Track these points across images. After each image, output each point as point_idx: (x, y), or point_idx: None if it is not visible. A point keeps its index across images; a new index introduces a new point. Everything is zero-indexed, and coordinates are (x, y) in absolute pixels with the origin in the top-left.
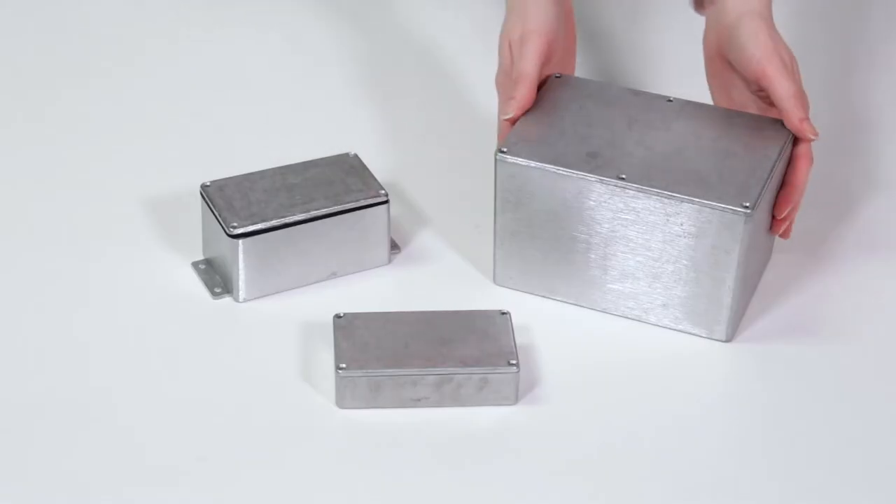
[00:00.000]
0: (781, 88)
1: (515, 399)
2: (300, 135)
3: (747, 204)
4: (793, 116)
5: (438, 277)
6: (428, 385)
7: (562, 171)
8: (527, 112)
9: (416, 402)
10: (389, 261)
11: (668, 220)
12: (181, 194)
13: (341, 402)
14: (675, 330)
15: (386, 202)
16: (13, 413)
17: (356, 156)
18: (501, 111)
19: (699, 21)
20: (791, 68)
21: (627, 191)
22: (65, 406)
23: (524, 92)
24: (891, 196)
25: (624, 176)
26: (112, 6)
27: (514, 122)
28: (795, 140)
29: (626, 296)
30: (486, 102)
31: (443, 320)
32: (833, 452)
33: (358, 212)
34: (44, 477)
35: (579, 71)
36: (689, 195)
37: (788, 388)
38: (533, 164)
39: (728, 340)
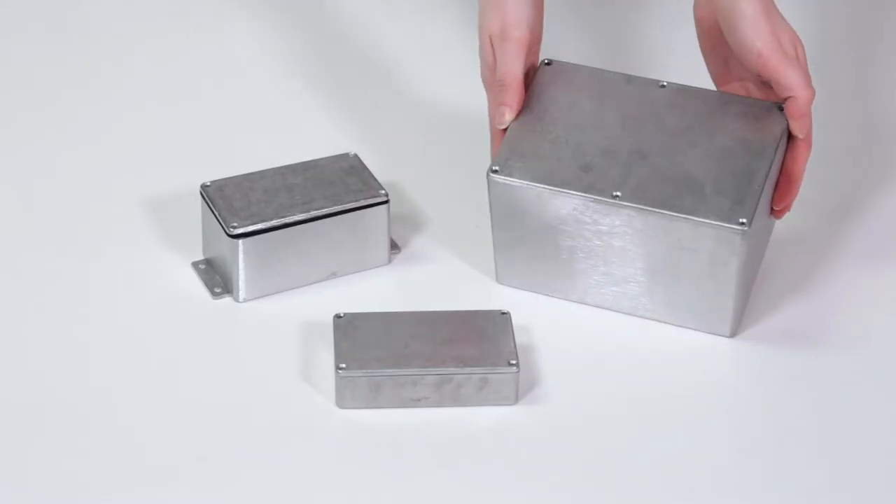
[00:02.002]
0: (789, 79)
1: (515, 399)
2: (300, 135)
3: (743, 220)
4: (794, 112)
5: (438, 277)
6: (428, 385)
7: (556, 190)
8: (518, 114)
9: (416, 402)
10: (389, 261)
11: (665, 234)
12: (181, 194)
13: (341, 402)
14: (678, 327)
15: (386, 202)
16: (13, 413)
17: (356, 156)
18: (495, 120)
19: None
20: (794, 54)
21: (622, 209)
22: (64, 406)
23: (515, 97)
24: (893, 192)
25: (618, 194)
26: (112, 6)
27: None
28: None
29: (629, 296)
30: (485, 98)
31: (443, 320)
32: (837, 450)
33: (358, 212)
34: (43, 477)
35: (575, 55)
36: (684, 213)
37: (792, 385)
38: (526, 183)
39: (731, 336)
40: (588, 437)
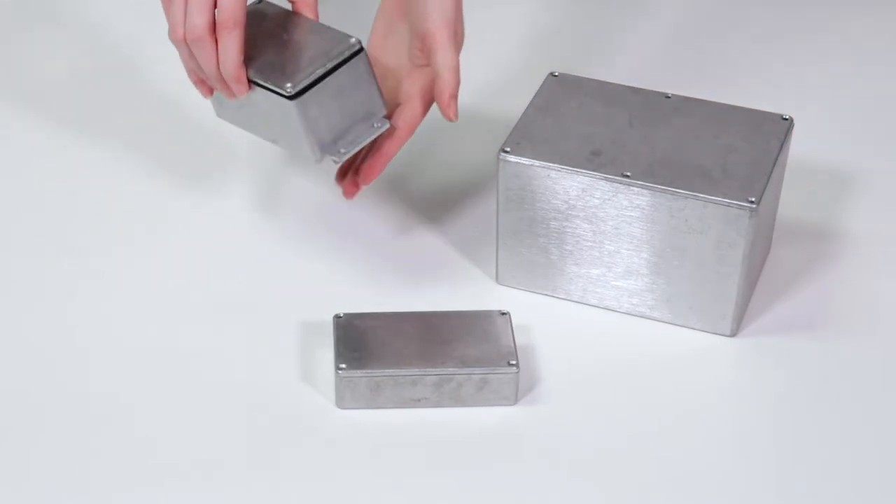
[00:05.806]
0: (445, 57)
1: (515, 399)
2: None
3: (752, 199)
4: (445, 90)
5: (438, 277)
6: (428, 385)
7: (566, 169)
8: (527, 111)
9: (416, 403)
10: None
11: (672, 216)
12: (181, 195)
13: (341, 402)
14: (678, 326)
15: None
16: (12, 414)
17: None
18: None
19: (695, 19)
20: (459, 44)
21: (632, 188)
22: (64, 407)
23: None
24: (894, 189)
25: (628, 173)
26: (113, 7)
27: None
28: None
29: (630, 292)
30: (486, 102)
31: (443, 320)
32: (839, 447)
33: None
34: (44, 478)
35: (579, 69)
36: (694, 191)
37: (794, 382)
38: (537, 163)
39: (733, 335)
40: (588, 438)
